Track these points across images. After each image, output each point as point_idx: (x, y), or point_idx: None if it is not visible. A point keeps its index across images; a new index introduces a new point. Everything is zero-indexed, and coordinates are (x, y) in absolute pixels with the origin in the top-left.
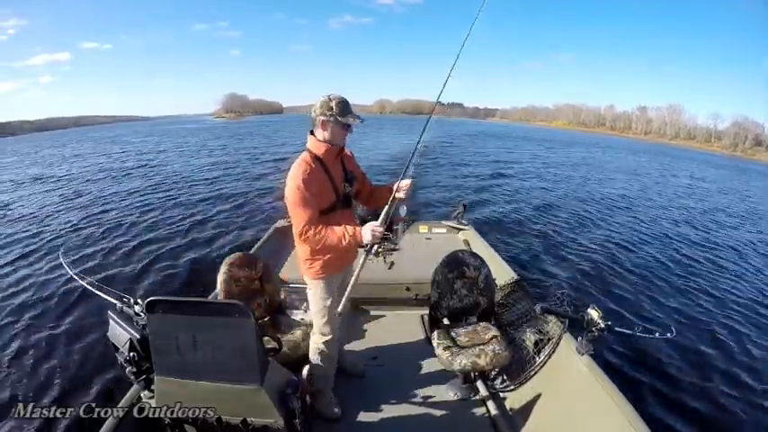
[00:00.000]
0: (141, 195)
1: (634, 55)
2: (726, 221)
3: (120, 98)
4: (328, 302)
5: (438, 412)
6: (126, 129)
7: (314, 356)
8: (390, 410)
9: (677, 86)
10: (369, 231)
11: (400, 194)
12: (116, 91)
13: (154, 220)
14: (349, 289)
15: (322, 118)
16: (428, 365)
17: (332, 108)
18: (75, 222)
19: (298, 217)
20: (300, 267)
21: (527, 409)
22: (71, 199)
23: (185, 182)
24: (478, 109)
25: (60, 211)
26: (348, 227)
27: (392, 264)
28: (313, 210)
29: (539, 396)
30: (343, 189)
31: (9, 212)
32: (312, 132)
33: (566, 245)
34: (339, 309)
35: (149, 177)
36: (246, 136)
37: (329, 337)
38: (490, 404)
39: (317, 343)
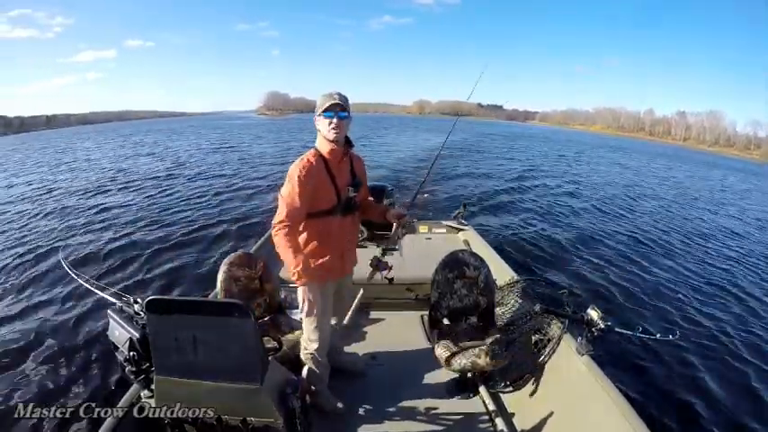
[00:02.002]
0: (142, 194)
1: (680, 58)
2: (733, 223)
3: (167, 94)
4: (315, 308)
5: (438, 412)
6: (179, 124)
7: (305, 361)
8: (390, 410)
9: (721, 92)
10: (303, 295)
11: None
12: (159, 87)
13: (154, 218)
14: (355, 303)
15: (315, 116)
16: (428, 365)
17: (317, 106)
18: (75, 220)
19: (280, 208)
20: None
21: (527, 410)
22: (73, 197)
23: (188, 181)
24: (517, 111)
25: (62, 208)
26: (302, 261)
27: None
28: (297, 207)
29: (538, 396)
30: (347, 193)
31: (10, 209)
32: None
33: (566, 245)
34: (346, 321)
35: (154, 176)
36: (297, 131)
37: (318, 344)
38: (490, 404)
39: (307, 348)
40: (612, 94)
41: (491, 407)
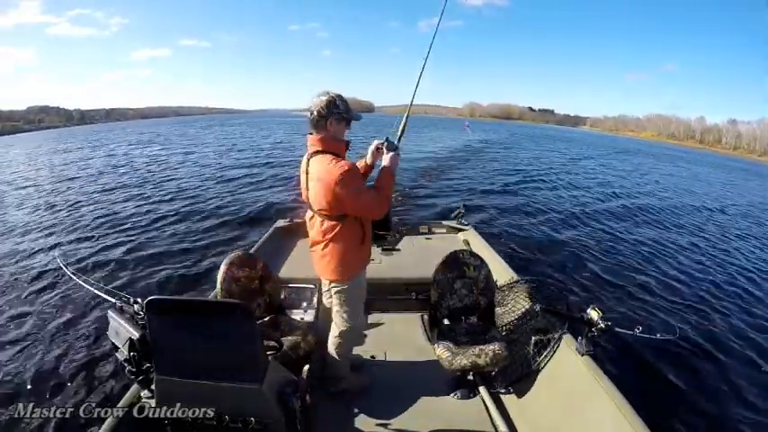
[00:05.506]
0: (143, 193)
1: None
2: (729, 219)
3: (221, 91)
4: (364, 294)
5: (438, 412)
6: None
7: (334, 350)
8: (390, 410)
9: None
10: (390, 158)
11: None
12: (212, 85)
13: (154, 218)
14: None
15: (334, 116)
16: (428, 365)
17: (338, 106)
18: (74, 219)
19: (364, 199)
20: (329, 270)
21: (527, 410)
22: (72, 195)
23: (190, 180)
24: (568, 116)
25: (61, 207)
26: (384, 167)
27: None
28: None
29: (538, 396)
30: None
31: (11, 206)
32: (313, 134)
33: (567, 245)
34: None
35: (156, 175)
36: (356, 127)
37: (357, 331)
38: (490, 404)
39: (345, 338)
40: (667, 101)
41: (491, 407)
